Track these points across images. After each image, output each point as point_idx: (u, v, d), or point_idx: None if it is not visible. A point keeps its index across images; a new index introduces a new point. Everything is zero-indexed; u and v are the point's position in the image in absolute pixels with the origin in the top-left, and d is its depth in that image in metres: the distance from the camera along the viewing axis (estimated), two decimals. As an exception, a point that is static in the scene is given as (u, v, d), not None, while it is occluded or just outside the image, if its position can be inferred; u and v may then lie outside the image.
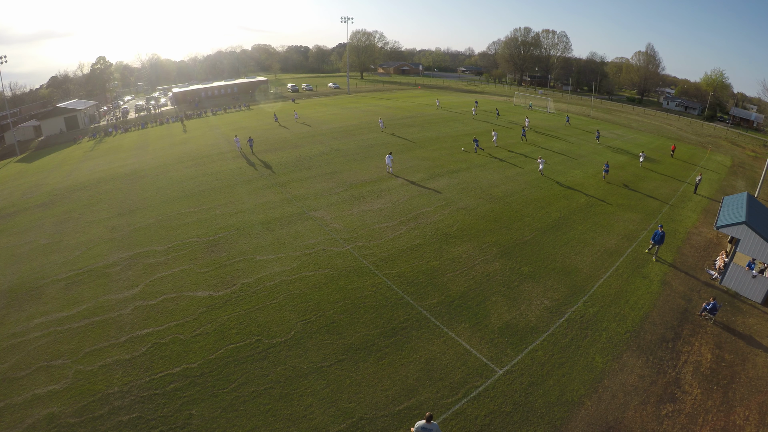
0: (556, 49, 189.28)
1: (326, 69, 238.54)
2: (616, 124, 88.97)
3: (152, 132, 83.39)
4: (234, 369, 19.85)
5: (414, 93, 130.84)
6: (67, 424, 17.68)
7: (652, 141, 73.33)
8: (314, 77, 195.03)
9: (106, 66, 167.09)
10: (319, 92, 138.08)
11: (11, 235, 36.72)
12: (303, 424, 17.09)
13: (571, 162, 52.35)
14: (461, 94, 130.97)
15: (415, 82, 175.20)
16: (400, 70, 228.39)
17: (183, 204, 39.41)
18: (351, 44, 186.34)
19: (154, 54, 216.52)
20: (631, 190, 43.64)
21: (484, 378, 19.31)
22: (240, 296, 25.17)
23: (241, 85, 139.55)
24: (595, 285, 26.77)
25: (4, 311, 25.88)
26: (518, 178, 45.04)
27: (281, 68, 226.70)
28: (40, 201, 45.76)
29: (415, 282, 26.34)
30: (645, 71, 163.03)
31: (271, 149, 57.94)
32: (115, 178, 50.29)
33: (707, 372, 20.51)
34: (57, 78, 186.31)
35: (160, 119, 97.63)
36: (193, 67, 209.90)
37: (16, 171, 67.61)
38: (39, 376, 20.34)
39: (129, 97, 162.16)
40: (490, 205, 37.69)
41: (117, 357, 21.03)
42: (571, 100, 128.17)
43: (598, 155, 56.86)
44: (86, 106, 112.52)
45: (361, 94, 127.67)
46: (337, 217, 35.07)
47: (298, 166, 49.12)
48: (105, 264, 29.70)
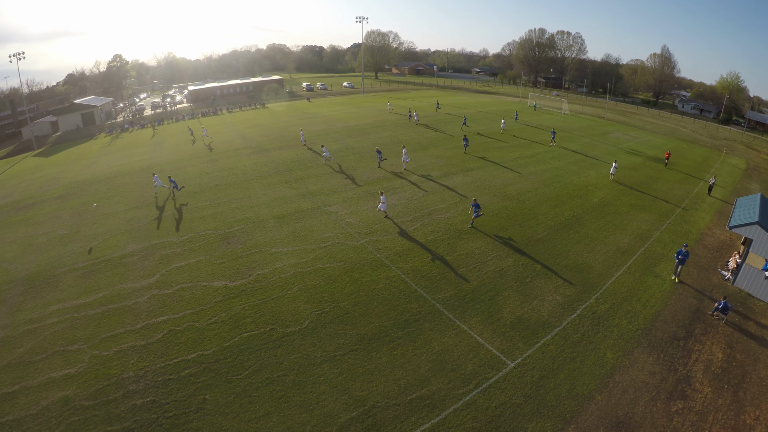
0: (570, 50, 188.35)
1: (341, 69, 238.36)
2: (630, 126, 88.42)
3: (168, 128, 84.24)
4: (248, 356, 20.15)
5: (428, 93, 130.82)
6: (81, 407, 18.06)
7: (666, 143, 72.84)
8: (329, 77, 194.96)
9: (123, 64, 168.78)
10: (333, 91, 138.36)
11: (29, 226, 37.32)
12: (315, 411, 17.31)
13: (585, 162, 52.23)
14: (476, 95, 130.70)
15: (429, 82, 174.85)
16: (414, 71, 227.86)
17: (199, 197, 39.90)
18: (366, 44, 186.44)
19: (169, 53, 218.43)
20: (638, 192, 43.43)
21: (496, 370, 19.42)
22: (255, 287, 25.49)
23: (256, 83, 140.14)
24: (608, 282, 26.75)
25: (22, 298, 26.43)
26: (532, 177, 45.00)
27: (296, 68, 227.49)
28: (57, 193, 46.43)
29: (428, 276, 26.49)
30: (660, 73, 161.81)
31: (286, 146, 58.39)
32: (131, 173, 50.95)
33: (718, 371, 20.43)
34: (74, 75, 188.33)
35: (176, 116, 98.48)
36: (208, 65, 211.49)
37: (34, 165, 68.54)
38: (55, 360, 20.78)
39: (145, 95, 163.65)
40: (503, 202, 37.72)
41: (132, 343, 21.41)
42: (585, 101, 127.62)
43: (613, 156, 56.60)
44: (103, 103, 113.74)
45: (375, 94, 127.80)
46: (351, 212, 35.34)
47: (313, 163, 49.48)
48: (122, 254, 30.20)
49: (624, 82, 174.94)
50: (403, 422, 16.82)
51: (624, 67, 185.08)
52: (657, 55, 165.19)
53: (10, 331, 23.31)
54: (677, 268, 27.40)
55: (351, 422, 16.84)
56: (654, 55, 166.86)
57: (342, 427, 16.67)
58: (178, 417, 17.26)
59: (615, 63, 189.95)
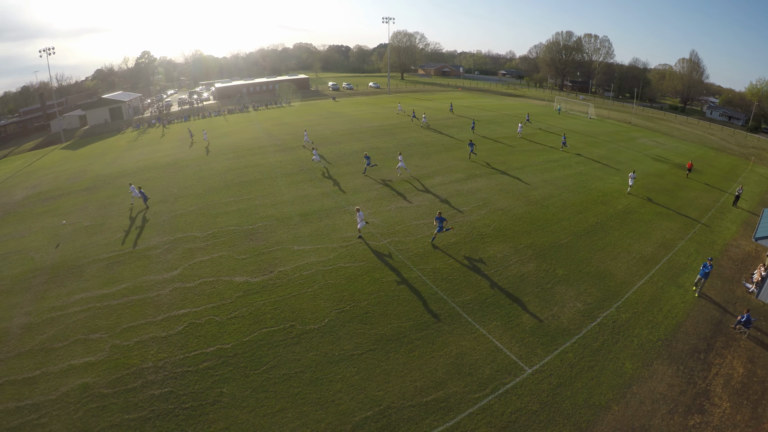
0: (598, 54, 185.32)
1: (367, 69, 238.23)
2: (657, 132, 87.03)
3: (194, 125, 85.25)
4: (266, 352, 20.36)
5: (454, 95, 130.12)
6: (100, 394, 18.47)
7: (693, 151, 71.56)
8: (355, 77, 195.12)
9: (150, 60, 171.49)
10: (359, 91, 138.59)
11: (56, 216, 38.13)
12: (331, 409, 17.41)
13: (611, 168, 51.51)
14: (501, 98, 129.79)
15: (455, 84, 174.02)
16: (440, 72, 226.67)
17: (223, 194, 40.40)
18: (392, 45, 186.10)
19: (197, 50, 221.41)
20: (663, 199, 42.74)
21: (513, 376, 19.29)
22: (276, 283, 25.74)
23: (282, 82, 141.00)
24: (629, 291, 26.37)
25: (46, 286, 27.11)
26: (557, 182, 44.55)
27: (322, 67, 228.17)
28: (84, 186, 47.36)
29: (449, 278, 26.43)
30: (688, 79, 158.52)
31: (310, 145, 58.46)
32: (157, 167, 51.74)
33: (738, 386, 19.98)
34: (102, 71, 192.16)
35: (203, 113, 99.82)
36: (235, 63, 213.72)
37: (62, 157, 70.01)
38: (76, 348, 21.29)
39: (172, 91, 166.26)
40: (526, 207, 37.43)
41: (153, 334, 21.80)
42: (612, 106, 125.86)
43: (638, 163, 55.81)
44: (130, 98, 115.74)
45: (401, 95, 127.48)
46: (374, 212, 35.41)
47: (337, 162, 49.60)
48: (145, 247, 30.74)
49: (651, 87, 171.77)
50: (418, 424, 16.81)
51: (652, 72, 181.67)
52: (685, 60, 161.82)
53: (33, 318, 23.94)
54: (699, 281, 26.82)
55: (366, 421, 16.89)
56: (682, 60, 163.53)
57: (357, 425, 16.73)
58: (195, 408, 17.53)
59: (643, 67, 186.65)
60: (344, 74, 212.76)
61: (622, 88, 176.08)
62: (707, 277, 26.43)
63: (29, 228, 36.57)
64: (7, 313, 24.72)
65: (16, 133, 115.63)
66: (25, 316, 24.34)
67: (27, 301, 25.91)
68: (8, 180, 58.43)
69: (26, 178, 57.65)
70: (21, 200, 45.89)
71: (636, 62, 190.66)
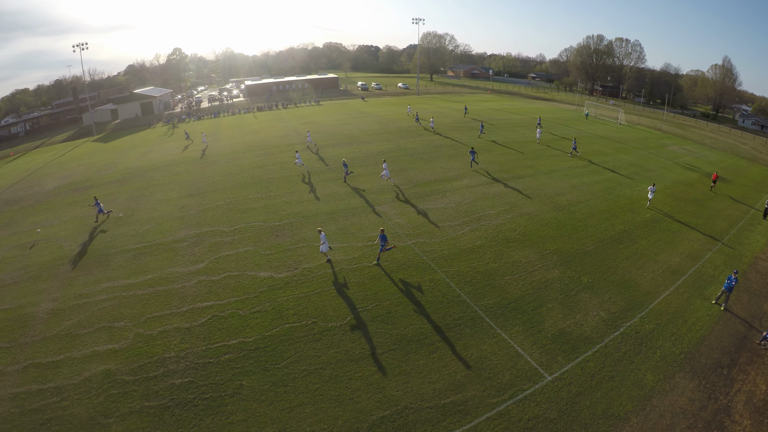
0: (629, 58, 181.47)
1: (396, 69, 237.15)
2: (687, 139, 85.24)
3: (224, 121, 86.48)
4: (288, 347, 20.60)
5: (483, 97, 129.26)
6: (121, 381, 18.95)
7: (724, 159, 69.96)
8: (384, 77, 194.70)
9: (182, 57, 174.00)
10: (388, 92, 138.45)
11: (86, 207, 38.95)
12: (348, 406, 17.52)
13: (640, 175, 50.64)
14: (531, 101, 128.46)
15: (484, 86, 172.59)
16: (470, 74, 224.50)
17: (251, 190, 40.91)
18: (421, 46, 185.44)
19: (227, 48, 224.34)
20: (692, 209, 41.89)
21: (533, 382, 19.13)
22: (300, 280, 26.02)
23: (312, 81, 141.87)
24: (654, 302, 25.90)
25: (74, 274, 27.84)
26: (584, 188, 43.98)
27: (351, 67, 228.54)
28: (114, 178, 48.35)
29: (472, 281, 26.34)
30: (721, 86, 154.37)
31: (339, 144, 58.91)
32: (186, 162, 52.58)
33: (760, 404, 19.44)
34: (134, 66, 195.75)
35: (232, 110, 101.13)
36: (265, 61, 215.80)
37: (93, 149, 71.54)
38: (100, 335, 21.87)
39: (202, 88, 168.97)
40: (553, 212, 37.06)
41: (177, 325, 22.23)
42: (642, 112, 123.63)
43: (668, 170, 54.79)
44: (161, 94, 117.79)
45: (430, 96, 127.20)
46: (401, 213, 35.47)
47: (365, 162, 49.71)
48: (173, 239, 31.33)
49: (683, 94, 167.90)
50: (435, 426, 16.81)
51: (683, 78, 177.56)
52: (718, 66, 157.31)
53: (60, 304, 24.65)
54: (723, 295, 26.21)
55: (383, 420, 16.96)
56: (715, 66, 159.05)
57: (373, 424, 16.80)
58: (214, 399, 17.83)
59: (674, 73, 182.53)
60: (373, 74, 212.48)
61: (653, 93, 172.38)
62: (731, 291, 25.85)
63: (59, 217, 37.49)
64: (34, 299, 25.48)
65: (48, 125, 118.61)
66: (52, 302, 25.04)
67: (54, 287, 26.63)
68: (40, 170, 59.93)
69: (58, 168, 59.08)
70: (52, 190, 47.07)
71: (667, 68, 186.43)
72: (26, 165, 66.77)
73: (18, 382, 19.29)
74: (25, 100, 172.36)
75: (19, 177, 57.25)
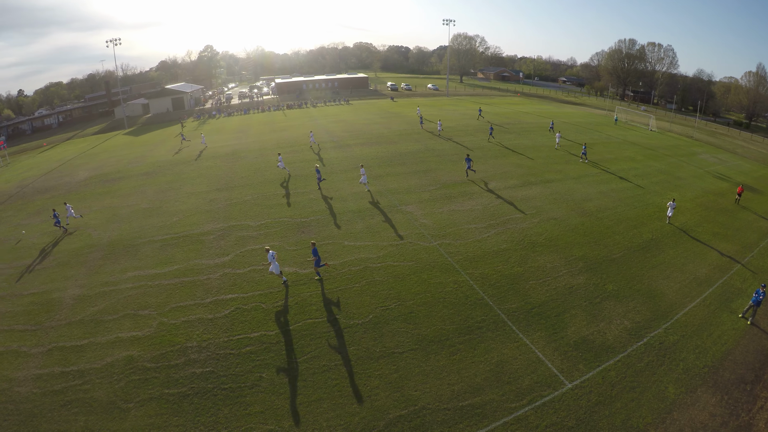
0: (661, 63, 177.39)
1: (426, 70, 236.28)
2: (719, 148, 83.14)
3: (254, 118, 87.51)
4: (309, 342, 20.80)
5: (513, 100, 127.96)
6: (143, 367, 19.39)
7: (757, 169, 68.06)
8: (414, 78, 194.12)
9: (213, 54, 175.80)
10: (417, 93, 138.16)
11: (115, 198, 39.81)
12: (366, 404, 17.60)
13: (670, 183, 49.66)
14: (561, 105, 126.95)
15: (514, 89, 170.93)
16: (499, 76, 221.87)
17: (278, 186, 41.46)
18: (452, 47, 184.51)
19: (258, 46, 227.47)
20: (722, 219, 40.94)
21: (552, 389, 18.91)
22: (324, 276, 26.27)
23: (341, 80, 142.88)
24: (680, 313, 25.36)
25: (101, 262, 28.61)
26: (613, 194, 43.28)
27: (381, 67, 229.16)
28: (144, 170, 49.30)
29: (496, 285, 26.20)
30: (754, 94, 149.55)
31: (367, 143, 59.20)
32: (216, 157, 53.44)
33: (783, 422, 18.98)
34: (166, 62, 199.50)
35: (262, 107, 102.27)
36: (296, 60, 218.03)
37: (124, 142, 73.00)
38: (125, 322, 22.43)
39: (233, 85, 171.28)
40: (580, 218, 36.58)
41: (200, 315, 22.65)
42: (674, 119, 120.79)
43: (699, 179, 53.57)
44: (192, 90, 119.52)
45: (459, 98, 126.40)
46: (427, 214, 35.46)
47: (393, 162, 49.83)
48: (200, 232, 31.96)
49: (715, 101, 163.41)
50: (451, 427, 16.76)
51: (716, 85, 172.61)
52: (752, 74, 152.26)
53: (86, 291, 25.36)
54: (750, 308, 25.56)
55: (399, 420, 16.96)
56: (749, 74, 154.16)
57: (390, 422, 16.83)
58: (233, 390, 18.10)
59: (707, 80, 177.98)
60: (403, 75, 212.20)
61: (684, 100, 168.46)
62: (759, 305, 25.13)
63: (89, 206, 38.35)
64: (62, 284, 26.24)
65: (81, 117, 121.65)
66: (79, 288, 25.74)
67: (82, 274, 27.35)
68: (72, 161, 61.42)
69: (89, 160, 60.48)
70: (83, 180, 48.21)
71: (700, 74, 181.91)
72: (58, 156, 68.47)
73: (41, 364, 19.92)
74: (58, 93, 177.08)
75: (51, 167, 58.78)
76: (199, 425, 16.66)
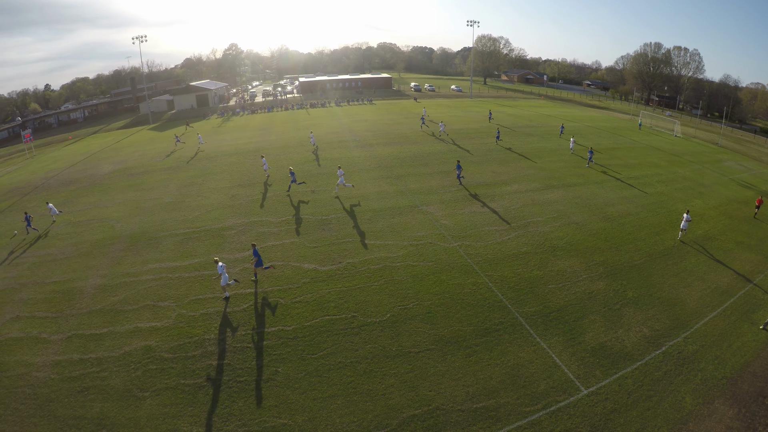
0: (687, 68, 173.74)
1: (450, 72, 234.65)
2: (745, 156, 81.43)
3: (277, 116, 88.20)
4: (326, 338, 20.96)
5: (536, 103, 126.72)
6: (160, 357, 19.78)
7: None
8: (437, 79, 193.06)
9: (237, 52, 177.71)
10: (441, 94, 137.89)
11: (138, 191, 40.45)
12: (380, 402, 17.65)
13: (693, 190, 48.89)
14: (585, 109, 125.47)
15: (538, 92, 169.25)
16: (524, 79, 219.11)
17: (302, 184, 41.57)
18: (476, 48, 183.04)
19: (282, 45, 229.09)
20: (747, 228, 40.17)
21: (568, 394, 18.76)
22: (344, 274, 26.42)
23: (365, 80, 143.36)
24: (700, 322, 24.93)
25: (123, 253, 29.21)
26: (636, 200, 42.71)
27: (405, 67, 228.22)
28: (167, 165, 50.03)
29: (515, 287, 26.08)
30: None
31: (390, 143, 59.20)
32: (239, 153, 54.12)
33: (800, 439, 18.56)
34: (191, 59, 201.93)
35: (285, 105, 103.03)
36: (320, 59, 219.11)
37: (148, 137, 74.07)
38: (144, 313, 22.88)
39: (257, 83, 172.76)
40: (602, 223, 36.20)
41: (219, 308, 23.05)
42: (699, 125, 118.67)
43: (723, 187, 52.61)
44: (217, 87, 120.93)
45: (483, 99, 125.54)
46: (448, 214, 35.42)
47: (415, 162, 49.78)
48: (221, 227, 32.46)
49: (742, 107, 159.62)
50: (464, 429, 16.73)
51: (743, 91, 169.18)
52: None
53: (107, 281, 25.93)
54: None
55: (413, 419, 16.99)
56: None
57: (403, 421, 16.86)
58: (248, 383, 18.36)
59: (734, 85, 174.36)
60: (427, 76, 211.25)
61: (710, 106, 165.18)
62: None
63: (112, 199, 39.05)
64: (83, 274, 26.85)
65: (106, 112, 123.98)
66: (100, 278, 26.31)
67: (103, 264, 27.93)
68: (97, 154, 62.53)
69: (114, 153, 61.53)
70: (107, 173, 49.08)
71: (727, 79, 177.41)
72: (83, 149, 69.76)
73: (60, 350, 20.43)
74: (84, 88, 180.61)
75: (76, 160, 59.94)
76: (213, 416, 16.90)
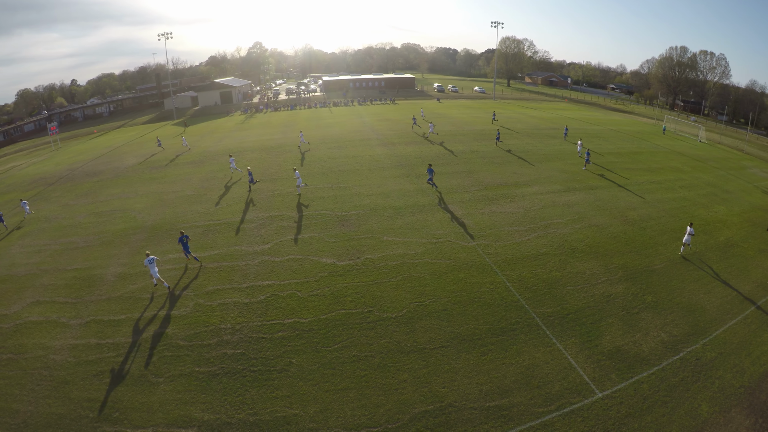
0: (713, 73, 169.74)
1: (473, 73, 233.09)
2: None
3: (300, 114, 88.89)
4: (341, 332, 21.09)
5: (560, 105, 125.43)
6: (176, 345, 20.18)
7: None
8: (460, 80, 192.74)
9: (262, 51, 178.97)
10: (464, 95, 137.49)
11: (162, 184, 41.10)
12: (393, 396, 17.69)
13: (716, 196, 48.04)
14: (609, 113, 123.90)
15: (561, 95, 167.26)
16: (547, 81, 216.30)
17: (322, 180, 42.10)
18: (500, 50, 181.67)
19: (307, 44, 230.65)
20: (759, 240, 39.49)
21: (582, 397, 18.59)
22: (361, 269, 26.53)
23: (388, 80, 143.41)
24: (719, 330, 24.49)
25: (144, 243, 29.88)
26: (658, 204, 42.11)
27: (428, 68, 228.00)
28: (190, 159, 50.78)
29: (533, 288, 25.90)
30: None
31: (411, 142, 59.15)
32: (261, 149, 54.72)
33: (817, 452, 18.13)
34: (216, 57, 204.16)
35: (309, 103, 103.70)
36: (343, 59, 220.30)
37: (172, 132, 75.15)
38: (162, 301, 23.34)
39: (281, 81, 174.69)
40: (623, 226, 35.78)
41: (236, 299, 23.34)
42: (724, 131, 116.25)
43: (747, 194, 51.60)
44: (241, 84, 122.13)
45: (506, 101, 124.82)
46: (467, 214, 35.35)
47: (437, 161, 49.33)
48: (241, 220, 32.89)
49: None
50: (476, 427, 16.68)
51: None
52: None
53: (127, 269, 26.54)
54: None
55: (424, 415, 17.00)
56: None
57: (415, 417, 16.88)
58: (262, 373, 18.57)
59: (760, 91, 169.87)
60: (450, 77, 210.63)
61: (736, 112, 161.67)
62: None
63: (135, 191, 39.76)
64: (104, 262, 27.51)
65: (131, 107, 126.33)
66: (121, 266, 26.92)
67: (124, 253, 28.57)
68: (121, 147, 63.72)
69: (138, 147, 62.60)
70: (131, 166, 50.00)
71: (753, 85, 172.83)
72: (108, 142, 71.16)
73: (78, 335, 20.96)
74: (110, 84, 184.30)
75: (100, 153, 61.16)
76: (226, 404, 17.14)
